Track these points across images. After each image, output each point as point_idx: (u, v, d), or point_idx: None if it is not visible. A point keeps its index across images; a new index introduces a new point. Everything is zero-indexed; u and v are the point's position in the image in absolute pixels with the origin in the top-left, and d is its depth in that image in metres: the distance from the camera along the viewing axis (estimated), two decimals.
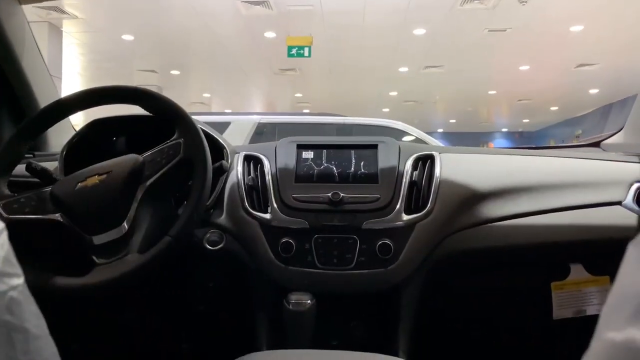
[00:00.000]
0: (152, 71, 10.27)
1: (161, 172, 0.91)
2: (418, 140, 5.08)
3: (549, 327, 1.15)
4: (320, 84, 11.44)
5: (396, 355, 1.03)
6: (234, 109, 14.30)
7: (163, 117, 0.97)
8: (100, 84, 1.00)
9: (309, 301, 0.93)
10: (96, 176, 0.91)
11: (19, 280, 0.31)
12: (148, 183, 0.90)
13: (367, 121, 5.36)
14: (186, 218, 0.89)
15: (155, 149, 0.93)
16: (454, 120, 16.97)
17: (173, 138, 0.93)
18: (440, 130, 19.20)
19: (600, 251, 1.09)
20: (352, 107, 13.37)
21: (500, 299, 1.20)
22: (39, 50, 1.27)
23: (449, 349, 1.27)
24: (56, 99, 1.03)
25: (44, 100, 1.26)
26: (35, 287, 0.78)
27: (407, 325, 1.06)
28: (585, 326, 1.08)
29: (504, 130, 19.51)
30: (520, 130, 19.21)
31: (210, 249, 1.05)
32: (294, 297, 0.94)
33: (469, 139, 18.77)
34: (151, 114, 1.00)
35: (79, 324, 1.27)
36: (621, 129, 1.42)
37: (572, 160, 1.18)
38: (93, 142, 1.14)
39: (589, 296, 1.11)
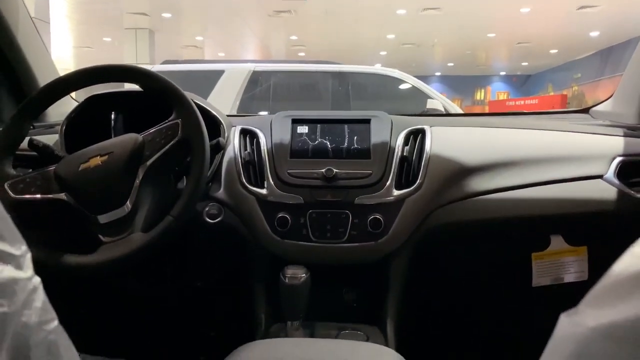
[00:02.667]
0: (143, 14, 9.95)
1: (161, 152, 0.94)
2: (414, 88, 5.04)
3: (528, 294, 1.23)
4: (315, 26, 11.16)
5: (384, 320, 1.10)
6: (227, 52, 13.99)
7: (160, 97, 0.98)
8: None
9: (303, 275, 0.99)
10: (98, 157, 0.94)
11: (55, 323, 0.35)
12: (148, 163, 0.93)
13: (363, 69, 5.29)
14: (186, 198, 0.93)
15: (154, 129, 0.96)
16: (452, 64, 16.71)
17: (171, 118, 0.96)
18: (438, 73, 18.94)
19: (580, 223, 1.15)
20: (349, 49, 13.10)
21: (483, 267, 1.27)
22: (36, 28, 1.26)
23: (434, 314, 1.35)
24: (55, 77, 1.04)
25: (43, 78, 1.27)
26: (45, 266, 0.83)
27: (396, 293, 1.12)
28: (562, 293, 1.15)
29: (502, 73, 19.26)
30: (518, 73, 18.96)
31: (210, 222, 1.10)
32: (289, 272, 0.99)
33: (466, 82, 18.56)
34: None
35: (85, 290, 1.33)
36: (611, 97, 1.43)
37: (558, 134, 1.21)
38: (92, 117, 1.16)
39: (566, 265, 1.18)
